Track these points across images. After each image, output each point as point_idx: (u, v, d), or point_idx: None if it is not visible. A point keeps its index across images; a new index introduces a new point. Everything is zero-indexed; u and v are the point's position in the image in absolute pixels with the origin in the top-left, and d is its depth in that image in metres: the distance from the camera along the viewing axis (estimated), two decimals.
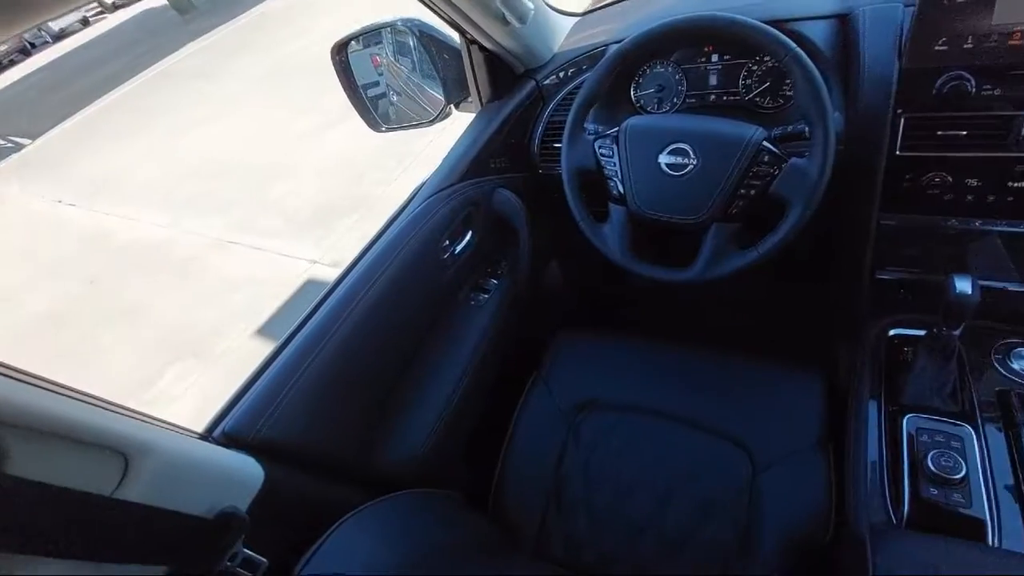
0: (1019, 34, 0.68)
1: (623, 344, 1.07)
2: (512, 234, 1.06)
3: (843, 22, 0.84)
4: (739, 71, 0.97)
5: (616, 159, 0.83)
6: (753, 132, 0.75)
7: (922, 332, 0.82)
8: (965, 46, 0.71)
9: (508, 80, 1.06)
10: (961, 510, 0.68)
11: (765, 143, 0.75)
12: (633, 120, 0.83)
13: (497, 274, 1.09)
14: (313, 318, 0.78)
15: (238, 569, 0.54)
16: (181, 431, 0.63)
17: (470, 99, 1.09)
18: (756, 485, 0.84)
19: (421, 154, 3.42)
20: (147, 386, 2.57)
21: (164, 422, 0.61)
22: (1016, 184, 0.75)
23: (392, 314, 0.84)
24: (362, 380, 0.80)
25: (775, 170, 0.74)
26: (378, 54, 1.15)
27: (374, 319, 0.81)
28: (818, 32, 0.85)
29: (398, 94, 1.24)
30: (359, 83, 1.13)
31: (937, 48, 0.72)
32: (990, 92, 0.71)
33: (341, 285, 0.81)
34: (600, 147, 0.85)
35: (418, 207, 0.91)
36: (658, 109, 1.04)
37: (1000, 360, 0.83)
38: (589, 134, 0.88)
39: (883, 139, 0.78)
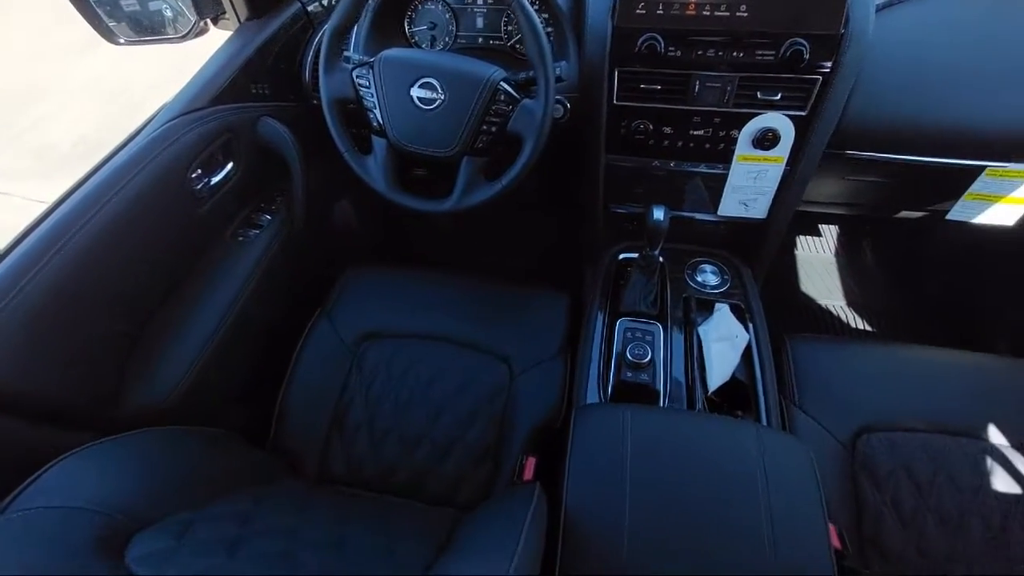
0: (693, 6, 0.84)
1: (407, 277, 1.13)
2: (284, 167, 1.02)
3: None
4: (502, 16, 1.04)
5: (373, 90, 0.85)
6: (492, 72, 0.82)
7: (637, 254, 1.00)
8: (657, 12, 0.85)
9: None
10: (645, 385, 0.88)
11: (502, 83, 0.82)
12: (387, 52, 0.85)
13: (271, 209, 1.05)
14: (15, 251, 0.68)
15: None
16: None
17: (228, 16, 1.00)
18: (512, 389, 0.98)
19: None
20: None
21: None
22: (695, 132, 0.95)
23: (126, 246, 0.77)
24: (91, 317, 0.73)
25: (511, 109, 0.83)
26: None
27: (102, 251, 0.73)
28: None
29: (171, 6, 1.09)
30: None
31: (638, 12, 0.85)
32: (674, 53, 0.87)
33: (54, 214, 0.72)
34: (358, 77, 0.86)
35: (156, 130, 0.82)
36: (432, 46, 1.07)
37: (690, 274, 1.07)
38: (348, 63, 0.88)
39: (602, 89, 0.92)
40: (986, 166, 0.92)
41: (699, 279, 1.06)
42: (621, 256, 1.10)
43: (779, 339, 0.99)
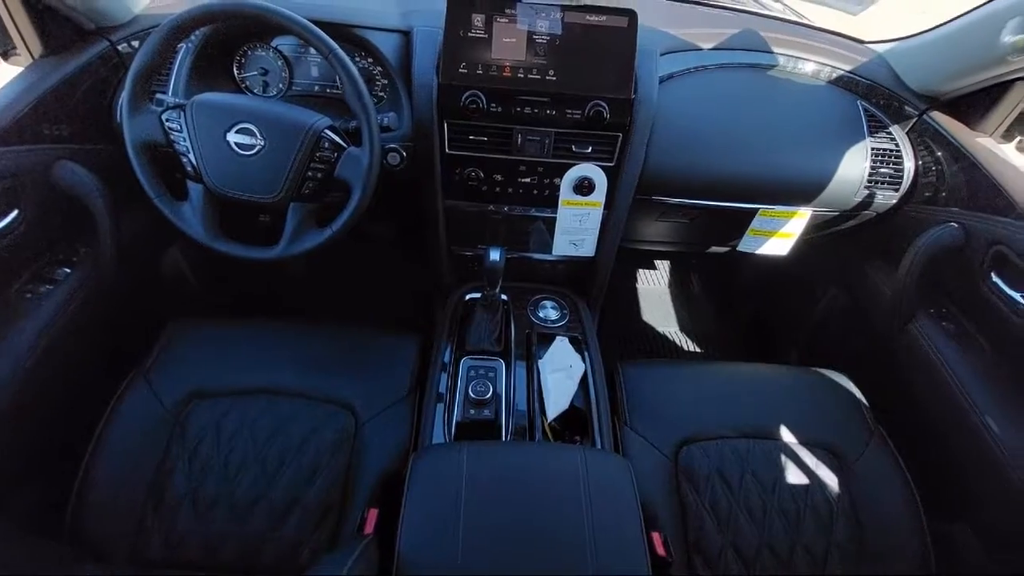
0: (509, 68, 0.93)
1: (240, 328, 1.05)
2: (88, 215, 0.92)
3: (406, 37, 1.00)
4: None
5: (186, 134, 0.81)
6: (316, 120, 0.83)
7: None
8: (477, 72, 0.93)
9: (69, 35, 0.91)
10: (488, 421, 0.90)
11: (326, 131, 0.83)
12: (201, 96, 0.82)
13: (72, 261, 0.93)
14: None
15: None
16: None
17: (20, 51, 0.90)
18: (359, 438, 0.94)
19: None
20: None
21: None
22: (523, 180, 1.03)
23: None
24: None
25: (336, 156, 0.84)
26: None
27: None
28: (386, 42, 0.99)
29: None
30: None
31: (460, 70, 0.92)
32: (496, 109, 0.95)
33: None
34: (168, 120, 0.82)
35: None
36: (264, 92, 1.06)
37: (532, 311, 1.13)
38: (160, 106, 0.84)
39: (434, 139, 0.97)
40: (760, 208, 1.11)
41: (541, 315, 1.13)
42: (468, 296, 1.14)
43: (614, 366, 1.08)
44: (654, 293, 1.84)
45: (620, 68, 0.93)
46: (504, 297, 1.10)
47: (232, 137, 0.80)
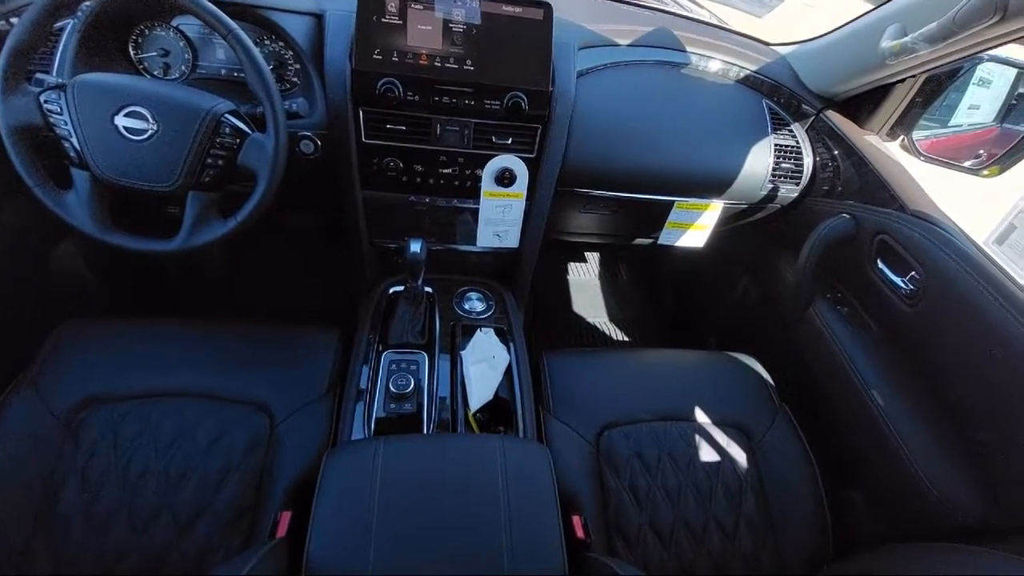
0: (426, 56, 0.92)
1: (143, 328, 0.99)
2: None
3: (319, 21, 0.97)
4: None
5: (67, 116, 0.74)
6: (215, 104, 0.78)
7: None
8: (393, 59, 0.91)
9: None
10: (409, 415, 0.89)
11: (227, 116, 0.79)
12: (84, 76, 0.76)
13: None
14: None
15: None
16: None
17: None
18: (273, 439, 0.90)
19: None
20: None
21: None
22: (443, 170, 1.02)
23: None
24: None
25: (238, 142, 0.80)
26: None
27: None
28: (296, 25, 0.95)
29: None
30: None
31: (374, 57, 0.90)
32: (413, 98, 0.93)
33: None
34: (46, 102, 0.75)
35: None
36: (166, 75, 0.99)
37: (457, 303, 1.12)
38: (36, 86, 0.76)
39: (350, 128, 0.94)
40: (676, 200, 1.15)
41: (466, 307, 1.12)
42: (392, 290, 1.12)
43: (539, 356, 1.09)
44: (584, 284, 1.89)
45: (538, 60, 0.94)
46: (428, 289, 1.09)
47: (120, 121, 0.74)
